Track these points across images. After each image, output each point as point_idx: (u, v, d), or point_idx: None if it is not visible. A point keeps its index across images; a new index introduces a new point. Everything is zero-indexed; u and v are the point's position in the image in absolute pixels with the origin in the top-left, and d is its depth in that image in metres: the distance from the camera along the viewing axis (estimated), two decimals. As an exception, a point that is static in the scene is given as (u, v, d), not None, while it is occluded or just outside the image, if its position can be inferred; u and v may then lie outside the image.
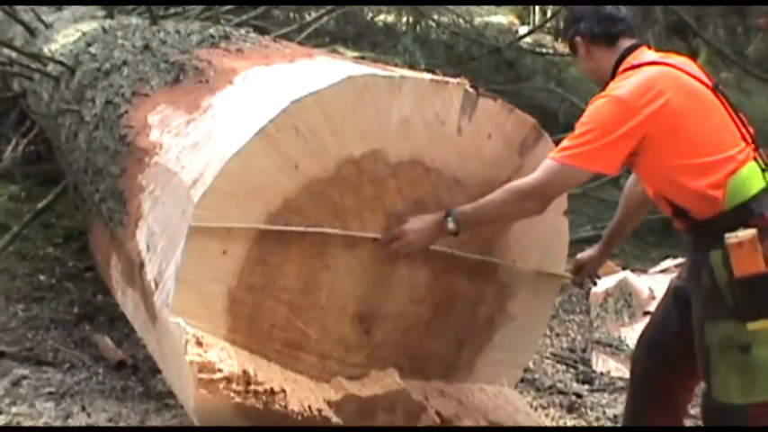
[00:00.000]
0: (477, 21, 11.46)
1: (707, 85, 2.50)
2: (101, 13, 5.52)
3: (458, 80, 2.54)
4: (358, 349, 2.58)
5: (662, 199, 2.54)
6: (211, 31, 3.34)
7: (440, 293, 2.69)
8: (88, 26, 4.90)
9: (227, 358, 2.25)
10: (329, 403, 2.43)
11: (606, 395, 3.82)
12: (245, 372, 2.26)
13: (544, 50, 10.26)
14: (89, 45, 4.22)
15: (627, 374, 3.93)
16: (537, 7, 20.25)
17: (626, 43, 2.58)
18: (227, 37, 3.20)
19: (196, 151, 2.43)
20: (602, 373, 4.03)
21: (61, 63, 4.28)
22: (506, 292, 2.84)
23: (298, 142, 2.30)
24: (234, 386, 2.22)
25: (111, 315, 4.00)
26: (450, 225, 2.48)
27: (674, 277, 2.88)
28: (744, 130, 2.51)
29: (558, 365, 4.06)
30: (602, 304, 4.74)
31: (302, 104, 2.28)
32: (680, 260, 5.30)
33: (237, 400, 2.23)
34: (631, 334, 4.46)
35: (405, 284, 2.61)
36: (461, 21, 9.87)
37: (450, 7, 11.04)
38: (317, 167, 2.35)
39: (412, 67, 6.25)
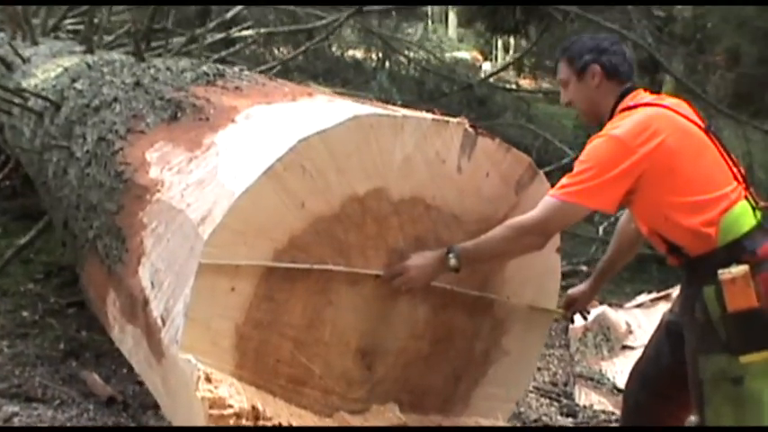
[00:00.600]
0: (447, 57, 11.64)
1: (700, 127, 2.59)
2: (79, 48, 5.54)
3: (458, 120, 2.60)
4: (360, 384, 2.61)
5: (656, 236, 2.62)
6: (204, 68, 3.37)
7: (439, 329, 2.73)
8: (69, 61, 4.91)
9: (236, 394, 2.27)
10: (333, 438, 2.45)
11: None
12: (253, 407, 2.27)
13: (509, 86, 10.45)
14: (74, 81, 4.22)
15: (609, 407, 4.04)
16: (499, 43, 20.63)
17: (626, 84, 2.67)
18: (221, 75, 3.24)
19: (202, 189, 2.45)
20: (585, 407, 4.10)
21: (45, 98, 4.28)
22: (501, 328, 2.88)
23: (304, 181, 2.34)
24: (243, 421, 2.24)
25: (97, 351, 4.00)
26: (452, 261, 2.52)
27: (665, 312, 2.96)
28: (735, 170, 2.61)
29: (542, 399, 4.11)
30: (582, 339, 4.81)
31: (309, 143, 2.32)
32: (654, 295, 5.42)
33: (246, 435, 2.24)
34: (612, 368, 4.54)
35: (405, 320, 2.65)
36: (431, 57, 10.02)
37: (420, 43, 11.21)
38: (323, 205, 2.39)
39: (387, 103, 6.34)
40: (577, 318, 3.11)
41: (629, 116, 2.54)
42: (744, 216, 2.53)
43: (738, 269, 2.42)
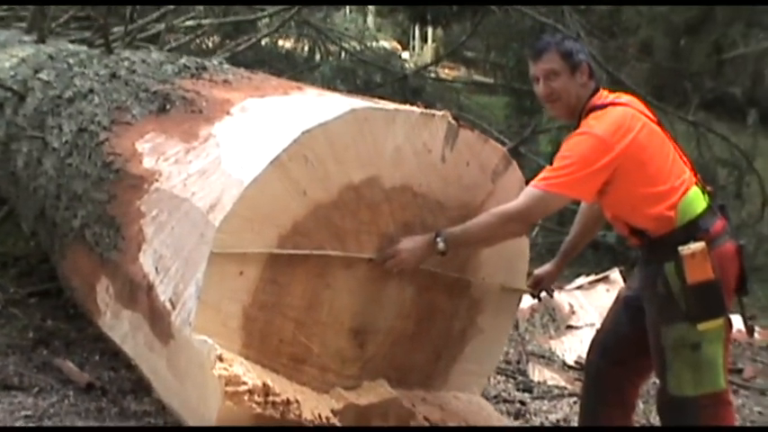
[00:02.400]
0: (380, 46, 11.75)
1: (654, 121, 2.85)
2: (28, 38, 5.50)
3: (442, 113, 2.78)
4: (353, 362, 2.77)
5: (620, 221, 2.86)
6: (184, 61, 3.46)
7: (423, 309, 2.90)
8: (24, 51, 4.90)
9: (248, 372, 2.41)
10: (333, 412, 2.60)
11: (546, 402, 4.12)
12: (264, 384, 2.41)
13: (440, 77, 10.63)
14: (37, 72, 4.24)
15: (562, 383, 4.30)
16: (417, 33, 20.86)
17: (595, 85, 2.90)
18: (204, 68, 3.34)
19: (206, 178, 2.57)
20: (539, 382, 4.33)
21: (9, 88, 4.27)
22: (477, 307, 3.07)
23: (306, 170, 2.49)
24: (255, 398, 2.38)
25: (65, 339, 4.04)
26: (440, 245, 2.70)
27: (622, 288, 3.24)
28: (685, 158, 2.88)
29: (499, 376, 4.33)
30: (530, 319, 5.07)
31: (312, 135, 2.47)
32: (592, 277, 5.72)
33: (258, 410, 2.38)
34: (560, 346, 4.81)
35: (394, 301, 2.82)
36: (364, 47, 10.13)
37: (347, 33, 11.28)
38: (322, 193, 2.54)
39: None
40: (543, 295, 3.33)
41: (604, 115, 2.76)
42: (697, 199, 2.80)
43: (697, 245, 2.69)
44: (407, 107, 2.75)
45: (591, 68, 2.88)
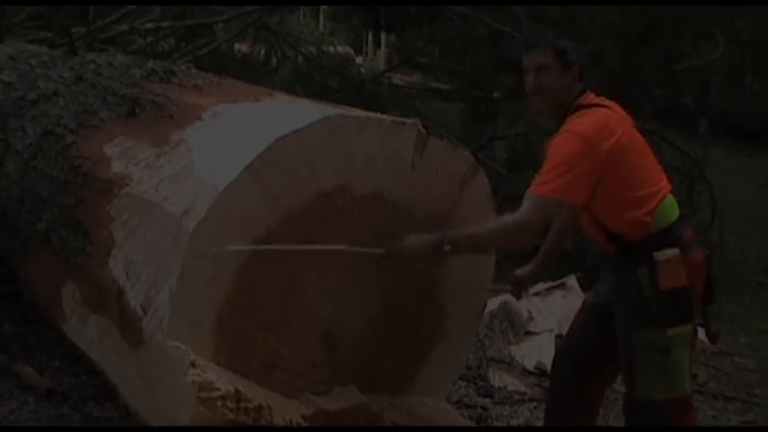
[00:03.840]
0: (330, 51, 11.75)
1: (634, 126, 2.90)
2: (-17, 37, 5.41)
3: (413, 120, 2.81)
4: (322, 367, 2.78)
5: (596, 225, 2.89)
6: (151, 65, 3.44)
7: (391, 313, 2.93)
8: (-20, 51, 4.81)
9: (220, 378, 2.41)
10: (303, 417, 2.62)
11: (507, 407, 4.16)
12: (236, 390, 2.42)
13: (398, 83, 10.69)
14: (-4, 72, 4.17)
15: (522, 388, 4.35)
16: (370, 38, 20.90)
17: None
18: (172, 72, 3.33)
19: (178, 183, 2.56)
20: (500, 388, 4.37)
21: (-34, 89, 4.20)
22: (444, 312, 3.10)
23: (280, 176, 2.50)
24: (228, 404, 2.38)
25: (24, 344, 3.97)
26: (447, 247, 2.73)
27: (588, 294, 3.29)
28: (660, 166, 2.94)
29: (460, 381, 4.36)
30: (489, 325, 5.11)
31: (286, 141, 2.49)
32: (549, 284, 5.78)
33: (231, 416, 2.38)
34: (519, 351, 4.86)
35: (363, 306, 2.84)
36: (321, 52, 10.14)
37: (303, 37, 11.27)
38: (295, 200, 2.56)
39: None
40: (525, 296, 3.37)
41: (587, 115, 2.79)
42: (672, 207, 2.87)
43: (672, 251, 2.75)
44: (379, 115, 2.78)
45: (581, 70, 2.91)
